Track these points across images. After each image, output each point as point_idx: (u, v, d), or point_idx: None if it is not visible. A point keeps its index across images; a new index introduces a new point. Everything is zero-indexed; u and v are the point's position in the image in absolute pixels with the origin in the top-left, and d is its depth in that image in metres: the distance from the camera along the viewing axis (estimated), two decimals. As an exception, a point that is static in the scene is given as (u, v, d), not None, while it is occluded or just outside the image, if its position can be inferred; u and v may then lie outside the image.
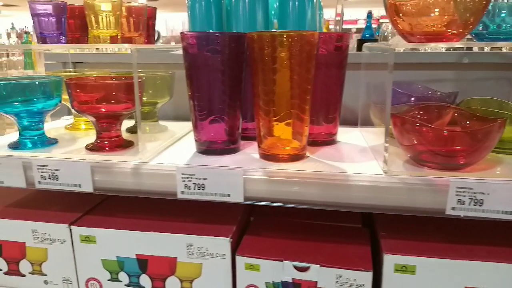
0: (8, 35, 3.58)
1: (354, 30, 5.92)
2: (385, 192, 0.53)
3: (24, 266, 0.71)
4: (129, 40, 0.71)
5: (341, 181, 0.55)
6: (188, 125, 0.86)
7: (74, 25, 0.74)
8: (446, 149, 0.55)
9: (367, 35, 2.67)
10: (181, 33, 0.63)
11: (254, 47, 0.60)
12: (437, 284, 0.56)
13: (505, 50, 0.84)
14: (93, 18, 0.65)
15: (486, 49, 1.02)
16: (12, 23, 3.62)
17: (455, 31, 0.58)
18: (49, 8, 0.68)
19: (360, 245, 0.62)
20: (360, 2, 5.86)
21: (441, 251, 0.56)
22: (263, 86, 0.60)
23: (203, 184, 0.59)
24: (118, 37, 0.66)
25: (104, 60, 1.01)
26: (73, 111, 0.83)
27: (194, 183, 0.59)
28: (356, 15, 6.98)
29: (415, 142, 0.56)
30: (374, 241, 0.64)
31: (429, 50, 0.87)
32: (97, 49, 0.93)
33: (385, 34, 1.88)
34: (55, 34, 0.69)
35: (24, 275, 0.71)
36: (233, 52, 0.62)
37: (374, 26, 3.20)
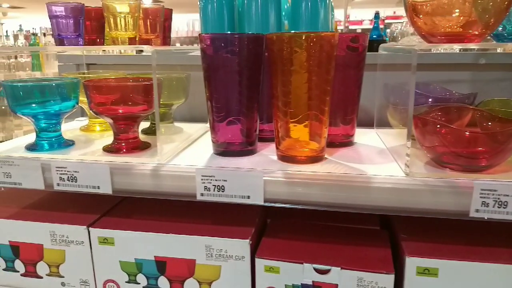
0: (16, 37, 3.59)
1: (359, 31, 5.91)
2: (408, 195, 0.53)
3: (42, 268, 0.71)
4: (146, 42, 0.72)
5: (363, 183, 0.54)
6: (203, 127, 0.87)
7: (90, 27, 0.74)
8: (468, 151, 0.54)
9: (374, 36, 2.66)
10: (199, 34, 0.63)
11: (273, 48, 0.59)
12: (460, 287, 0.55)
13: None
14: (111, 19, 0.65)
15: (499, 50, 1.01)
16: (20, 25, 3.64)
17: (476, 32, 0.57)
18: (67, 10, 0.68)
19: (380, 247, 0.62)
20: (365, 2, 5.86)
21: (463, 253, 0.56)
22: (282, 87, 0.60)
23: (222, 186, 0.59)
24: (137, 38, 0.66)
25: (117, 62, 1.01)
26: (89, 112, 0.84)
27: (213, 185, 0.59)
28: (361, 16, 6.96)
29: (437, 143, 0.55)
30: (392, 243, 0.64)
31: (442, 51, 0.86)
32: (112, 50, 0.93)
33: (394, 35, 1.88)
34: (73, 36, 0.69)
35: (41, 277, 0.71)
36: (251, 54, 0.62)
37: (380, 26, 3.19)
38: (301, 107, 0.60)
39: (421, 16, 0.59)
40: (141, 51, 0.93)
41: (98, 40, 0.75)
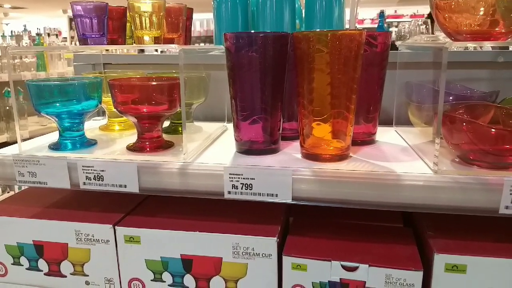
0: (18, 38, 3.59)
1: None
2: (438, 192, 0.54)
3: (66, 267, 0.71)
4: (170, 41, 0.72)
5: (393, 181, 0.55)
6: (221, 126, 0.87)
7: (112, 27, 0.74)
8: (496, 148, 0.55)
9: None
10: (224, 34, 0.64)
11: (300, 46, 0.60)
12: (488, 283, 0.56)
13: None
14: (137, 19, 0.66)
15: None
16: (25, 25, 3.64)
17: (503, 30, 0.58)
18: (90, 9, 0.68)
19: (406, 244, 0.62)
20: (366, 2, 5.85)
21: (491, 250, 0.56)
22: (309, 85, 0.61)
23: (250, 184, 0.59)
24: (161, 38, 0.67)
25: (133, 61, 1.01)
26: (108, 112, 0.85)
27: (241, 183, 0.59)
28: (362, 15, 6.96)
29: (465, 141, 0.56)
30: (416, 240, 0.64)
31: (462, 49, 0.87)
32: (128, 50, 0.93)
33: (402, 33, 1.89)
34: (97, 36, 0.69)
35: (65, 276, 0.72)
36: (276, 52, 0.62)
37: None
38: (327, 105, 0.61)
39: (446, 14, 0.60)
40: (163, 50, 0.93)
41: (119, 40, 0.76)
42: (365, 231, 0.67)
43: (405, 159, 0.63)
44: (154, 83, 0.68)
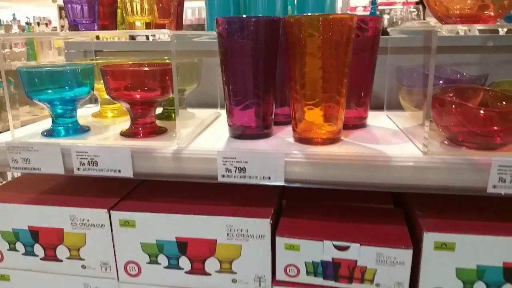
0: (7, 28, 3.54)
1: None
2: (428, 172, 0.55)
3: (62, 251, 0.72)
4: (162, 27, 0.72)
5: (384, 162, 0.56)
6: (214, 112, 0.88)
7: (102, 13, 0.74)
8: (485, 130, 0.56)
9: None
10: (216, 19, 0.64)
11: (292, 31, 0.60)
12: (476, 260, 0.57)
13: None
14: (128, 4, 0.65)
15: (501, 32, 1.03)
16: (14, 15, 3.58)
17: (491, 13, 0.58)
18: (82, -5, 0.68)
19: (396, 224, 0.64)
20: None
21: (479, 228, 0.58)
22: (300, 70, 0.61)
23: (244, 167, 0.60)
24: (153, 23, 0.67)
25: (125, 49, 1.01)
26: (101, 99, 0.84)
27: (235, 167, 0.60)
28: (354, 2, 6.93)
29: (454, 123, 0.57)
30: (406, 220, 0.66)
31: (449, 33, 0.87)
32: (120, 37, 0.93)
33: (394, 20, 1.89)
34: (88, 22, 0.69)
35: (61, 261, 0.72)
36: (268, 37, 0.62)
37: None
38: (319, 89, 0.61)
39: (436, -2, 0.61)
40: (154, 37, 0.93)
41: (110, 26, 0.75)
42: (356, 213, 0.68)
43: (396, 141, 0.65)
44: (146, 68, 0.68)
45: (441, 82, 0.73)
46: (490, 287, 0.58)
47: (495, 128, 0.56)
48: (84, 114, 0.90)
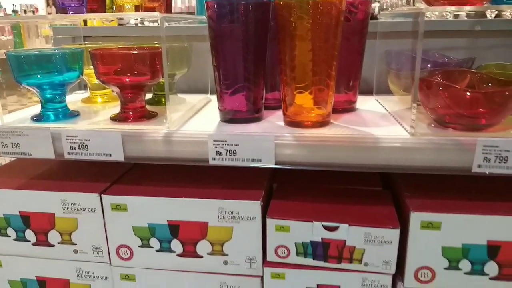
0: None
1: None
2: (414, 153, 0.56)
3: (53, 236, 0.72)
4: (151, 10, 0.71)
5: (372, 144, 0.57)
6: (204, 97, 0.88)
7: (90, -4, 0.73)
8: (471, 111, 0.57)
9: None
10: (206, 2, 0.64)
11: (281, 14, 0.60)
12: (461, 239, 0.59)
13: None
14: (117, -13, 0.65)
15: (489, 17, 1.03)
16: (-1, 2, 3.52)
17: (478, -4, 0.59)
18: (69, -22, 0.67)
19: (384, 205, 0.65)
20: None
21: (464, 207, 0.59)
22: (290, 53, 0.62)
23: (234, 150, 0.61)
24: (142, 6, 0.66)
25: (114, 34, 1.00)
26: (90, 84, 0.84)
27: (226, 149, 0.61)
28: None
29: (441, 104, 0.58)
30: (394, 201, 0.67)
31: (437, 18, 0.88)
32: (112, 20, 0.92)
33: (384, 7, 1.89)
34: (76, 5, 0.68)
35: (53, 245, 0.73)
36: (258, 20, 0.62)
37: None
38: (309, 72, 0.62)
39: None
40: (143, 22, 0.92)
41: (99, 10, 0.75)
42: (346, 195, 0.69)
43: (384, 124, 0.65)
44: (136, 52, 0.68)
45: (429, 65, 0.74)
46: (474, 265, 0.60)
47: (481, 109, 0.57)
48: (74, 100, 0.89)
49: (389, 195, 0.69)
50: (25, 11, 3.48)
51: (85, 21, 1.02)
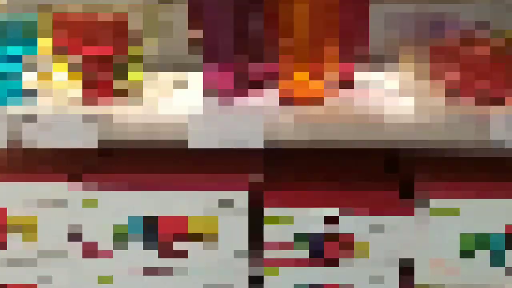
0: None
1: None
2: (421, 127, 0.51)
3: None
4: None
5: (374, 119, 0.51)
6: (186, 75, 0.80)
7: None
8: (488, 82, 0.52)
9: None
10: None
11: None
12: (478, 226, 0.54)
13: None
14: None
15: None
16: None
17: None
18: None
19: (391, 191, 0.59)
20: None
21: (483, 190, 0.54)
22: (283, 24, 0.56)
23: (217, 130, 0.54)
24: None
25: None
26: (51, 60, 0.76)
27: (208, 130, 0.54)
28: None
29: (455, 74, 0.52)
30: (403, 187, 0.61)
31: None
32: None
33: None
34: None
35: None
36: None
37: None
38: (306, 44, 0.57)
39: None
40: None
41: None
42: (346, 180, 0.63)
43: (389, 99, 0.59)
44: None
45: (440, 31, 0.68)
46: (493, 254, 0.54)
47: (499, 80, 0.52)
48: (33, 78, 0.81)
49: (395, 179, 0.63)
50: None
51: None
